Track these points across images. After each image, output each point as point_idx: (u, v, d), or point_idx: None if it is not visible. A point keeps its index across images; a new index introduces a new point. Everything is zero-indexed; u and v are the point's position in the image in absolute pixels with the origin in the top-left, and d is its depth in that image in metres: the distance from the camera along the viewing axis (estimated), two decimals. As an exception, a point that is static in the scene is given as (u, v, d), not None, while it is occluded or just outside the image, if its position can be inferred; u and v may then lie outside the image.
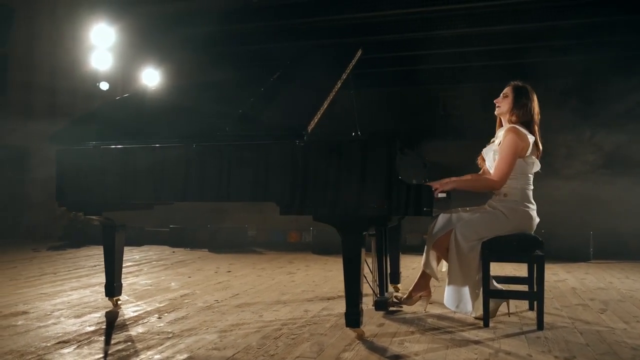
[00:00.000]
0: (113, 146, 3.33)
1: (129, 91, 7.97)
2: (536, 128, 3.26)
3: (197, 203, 4.26)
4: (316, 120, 2.93)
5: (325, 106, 3.04)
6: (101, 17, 7.47)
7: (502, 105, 3.31)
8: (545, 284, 4.62)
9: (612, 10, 6.60)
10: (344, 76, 3.34)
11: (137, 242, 7.98)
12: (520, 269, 5.00)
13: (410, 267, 5.69)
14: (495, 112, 3.37)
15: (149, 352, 2.68)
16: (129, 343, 2.84)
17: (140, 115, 3.64)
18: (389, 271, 4.09)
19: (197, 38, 8.30)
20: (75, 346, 2.77)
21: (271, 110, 3.19)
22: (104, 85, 7.76)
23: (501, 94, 3.34)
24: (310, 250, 7.22)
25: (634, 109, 8.26)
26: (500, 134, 3.27)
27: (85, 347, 2.76)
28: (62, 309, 3.62)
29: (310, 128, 2.87)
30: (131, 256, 6.67)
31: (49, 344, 2.80)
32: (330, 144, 2.87)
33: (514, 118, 3.25)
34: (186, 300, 3.94)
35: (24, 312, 3.52)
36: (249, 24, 7.48)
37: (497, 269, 5.33)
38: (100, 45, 7.59)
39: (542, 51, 7.90)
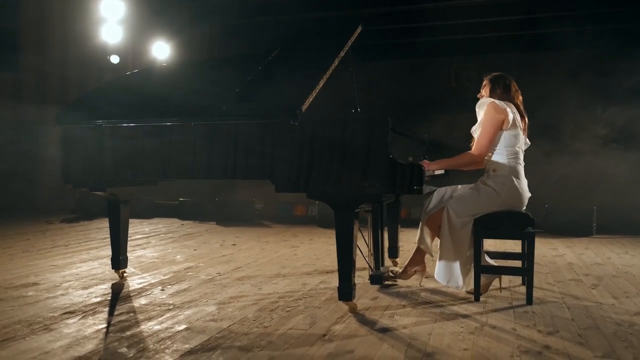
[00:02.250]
0: (116, 125, 3.41)
1: (139, 64, 8.05)
2: (518, 102, 3.39)
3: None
4: (311, 99, 2.99)
5: (321, 85, 3.10)
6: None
7: (485, 94, 3.47)
8: (543, 258, 4.73)
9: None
10: (342, 53, 3.38)
11: (148, 215, 8.16)
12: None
13: (413, 241, 5.74)
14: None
15: (150, 323, 2.81)
16: (131, 314, 2.98)
17: (142, 93, 3.70)
18: (386, 246, 4.18)
19: (207, 11, 8.31)
20: (80, 316, 2.91)
21: (267, 89, 3.26)
22: (115, 59, 7.84)
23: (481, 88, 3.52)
24: (316, 224, 7.32)
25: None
26: (481, 110, 3.34)
27: (90, 317, 2.91)
28: (70, 281, 3.78)
29: (304, 107, 2.93)
30: (141, 229, 6.84)
31: (55, 314, 2.94)
32: (322, 123, 2.93)
33: (495, 97, 3.39)
34: (189, 273, 4.08)
35: (35, 284, 3.68)
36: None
37: (499, 244, 5.40)
38: (110, 18, 7.65)
39: (554, 22, 7.80)
